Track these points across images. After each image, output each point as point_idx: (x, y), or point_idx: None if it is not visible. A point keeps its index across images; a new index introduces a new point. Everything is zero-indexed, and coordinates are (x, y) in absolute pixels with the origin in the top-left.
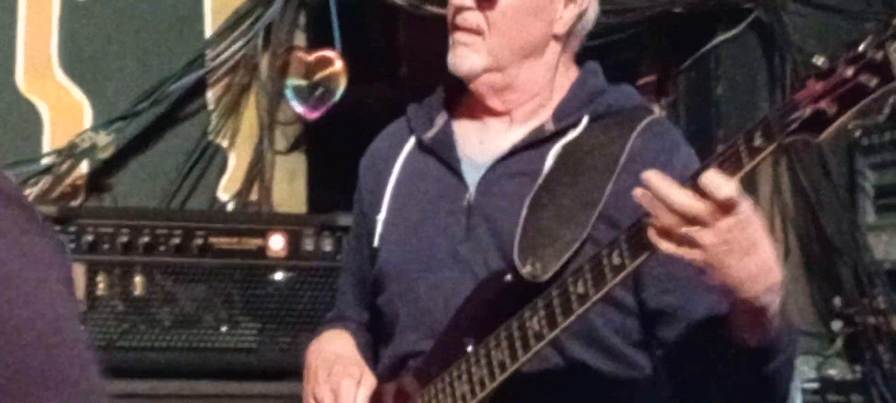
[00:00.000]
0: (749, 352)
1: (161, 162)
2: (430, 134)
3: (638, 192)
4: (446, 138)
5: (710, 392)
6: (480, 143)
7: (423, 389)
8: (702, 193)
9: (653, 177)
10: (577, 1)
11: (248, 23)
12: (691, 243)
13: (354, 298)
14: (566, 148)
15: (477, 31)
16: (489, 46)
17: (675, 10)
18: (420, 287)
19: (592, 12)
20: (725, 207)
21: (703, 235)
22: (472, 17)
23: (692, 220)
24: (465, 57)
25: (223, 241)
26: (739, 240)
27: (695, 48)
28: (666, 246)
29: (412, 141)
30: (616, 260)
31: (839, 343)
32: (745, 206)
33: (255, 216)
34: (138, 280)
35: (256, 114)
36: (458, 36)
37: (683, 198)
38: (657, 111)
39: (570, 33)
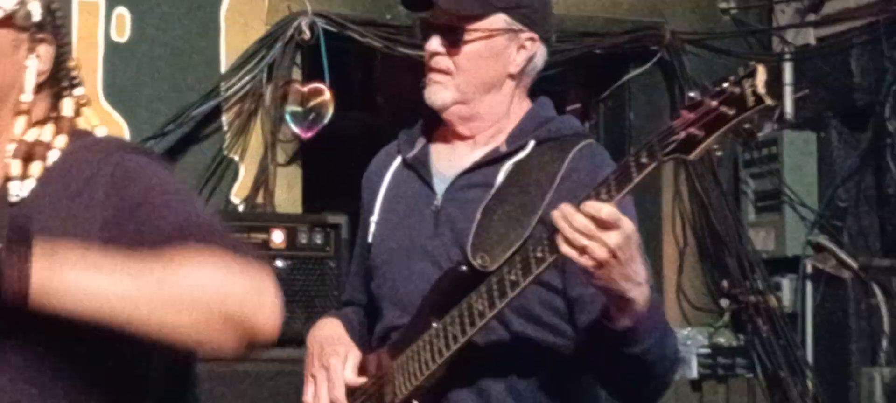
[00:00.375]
0: (618, 334)
1: (185, 172)
2: (411, 154)
3: (552, 213)
4: (423, 157)
5: (597, 372)
6: (449, 161)
7: (397, 358)
8: (589, 212)
9: (564, 210)
10: (527, 47)
11: (255, 61)
12: (585, 252)
13: (359, 283)
14: (515, 165)
15: (447, 72)
16: (457, 84)
17: (596, 51)
18: (399, 275)
19: (541, 57)
20: (606, 224)
21: (594, 248)
22: (443, 61)
23: (587, 235)
24: (437, 92)
25: (239, 231)
26: (622, 249)
27: (611, 82)
28: (566, 251)
29: (399, 159)
30: (539, 255)
31: (727, 317)
32: (626, 223)
33: (260, 216)
34: None
35: (262, 135)
36: (432, 76)
37: (580, 219)
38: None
39: (522, 73)
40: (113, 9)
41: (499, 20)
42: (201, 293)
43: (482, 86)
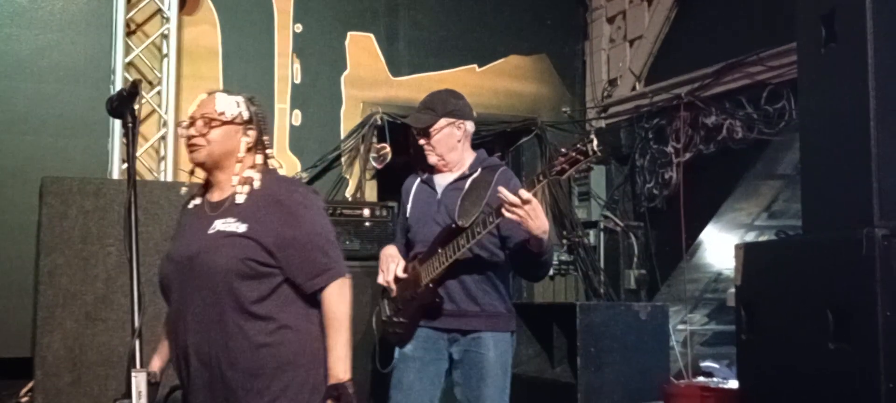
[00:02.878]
0: (533, 253)
1: (329, 182)
2: (424, 177)
3: (500, 194)
4: (430, 178)
5: (516, 268)
6: (442, 179)
7: (422, 265)
8: (520, 197)
9: (503, 191)
10: (462, 127)
11: (357, 131)
12: (516, 213)
13: (400, 235)
14: (473, 180)
15: (429, 150)
16: (436, 152)
17: (507, 129)
18: (422, 229)
19: (471, 127)
20: (527, 200)
21: (519, 210)
22: (426, 146)
23: (517, 205)
24: (429, 156)
25: (348, 211)
26: (533, 213)
27: (514, 143)
28: (507, 214)
29: (419, 179)
30: (490, 220)
31: (565, 246)
32: (535, 201)
33: (360, 202)
34: None
35: (360, 166)
36: (425, 150)
37: (513, 197)
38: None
39: (464, 137)
40: (293, 110)
41: (444, 121)
42: (346, 318)
43: (448, 148)
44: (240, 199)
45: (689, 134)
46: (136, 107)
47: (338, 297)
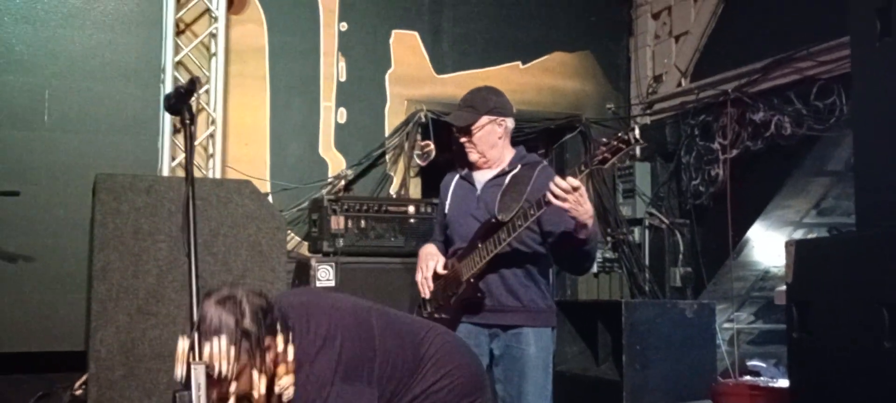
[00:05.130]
0: (579, 240)
1: (372, 180)
2: (463, 174)
3: (551, 186)
4: (469, 175)
5: (560, 262)
6: (481, 176)
7: (461, 262)
8: (570, 184)
9: (556, 178)
10: (502, 124)
11: (400, 131)
12: (566, 200)
13: (439, 233)
14: (513, 176)
15: (471, 144)
16: (477, 149)
17: (550, 126)
18: (461, 225)
19: (511, 123)
20: (576, 188)
21: (569, 197)
22: (468, 144)
23: (567, 192)
24: (470, 154)
25: (393, 208)
26: (581, 200)
27: (558, 140)
28: (555, 202)
29: (458, 176)
30: (531, 212)
31: (609, 243)
32: (583, 189)
33: (404, 198)
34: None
35: (404, 163)
36: (466, 147)
37: (564, 184)
38: (545, 162)
39: (504, 134)
40: (338, 108)
41: (485, 119)
42: None
43: (488, 145)
44: None
45: (736, 130)
46: (192, 103)
47: None
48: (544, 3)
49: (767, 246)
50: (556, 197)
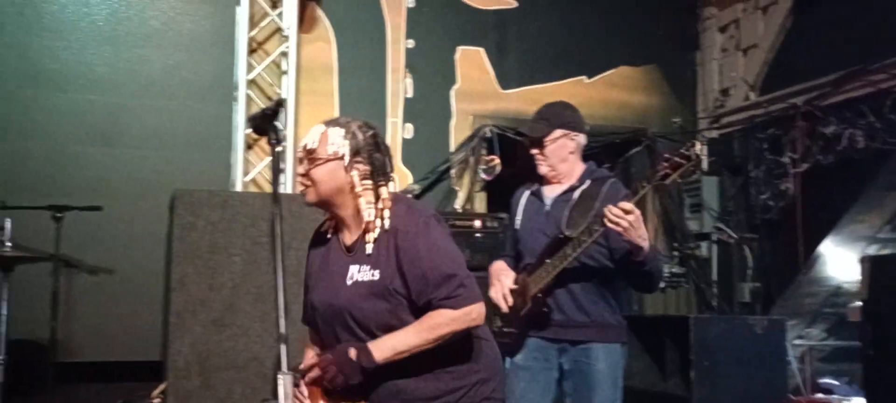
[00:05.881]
0: (637, 262)
1: (439, 194)
2: (533, 189)
3: (604, 209)
4: (539, 191)
5: (626, 279)
6: (550, 191)
7: (530, 276)
8: (622, 208)
9: (610, 206)
10: (575, 139)
11: (465, 145)
12: (619, 224)
13: (510, 247)
14: (582, 192)
15: (542, 160)
16: (548, 162)
17: (616, 140)
18: (530, 241)
19: (583, 139)
20: (628, 212)
21: (622, 220)
22: (539, 156)
23: (620, 216)
24: (540, 167)
25: (459, 222)
26: (635, 224)
27: (624, 154)
28: (610, 225)
29: (528, 191)
30: (596, 228)
31: (676, 257)
32: (637, 212)
33: (470, 213)
34: None
35: (469, 178)
36: (536, 160)
37: (616, 209)
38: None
39: (576, 149)
40: (405, 124)
41: (558, 132)
42: (440, 334)
43: (559, 159)
44: (362, 253)
45: (806, 144)
46: (279, 124)
47: (452, 316)
48: (609, 17)
49: (840, 261)
50: (610, 221)
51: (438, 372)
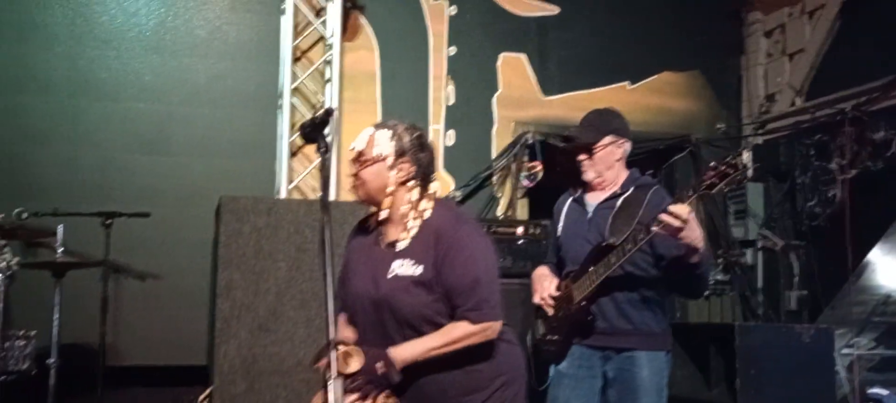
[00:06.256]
0: (691, 264)
1: (480, 201)
2: (576, 196)
3: (660, 214)
4: (581, 197)
5: (673, 285)
6: (593, 198)
7: (574, 283)
8: (678, 213)
9: (669, 207)
10: (622, 146)
11: (507, 152)
12: (671, 227)
13: (552, 253)
14: (625, 199)
15: (590, 163)
16: (595, 168)
17: (660, 147)
18: (573, 248)
19: (629, 147)
20: (683, 213)
21: (679, 222)
22: (586, 162)
23: (679, 218)
24: (587, 173)
25: (501, 229)
26: (692, 226)
27: (667, 160)
28: (664, 228)
29: (571, 198)
30: (640, 236)
31: (721, 265)
32: (692, 214)
33: (511, 220)
34: None
35: (510, 185)
36: (583, 166)
37: (671, 216)
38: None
39: (623, 157)
40: (447, 131)
41: (607, 139)
42: (456, 345)
43: (606, 166)
44: (402, 247)
45: (854, 150)
46: (327, 133)
47: (470, 330)
48: (652, 22)
49: (889, 269)
50: (665, 226)
51: (461, 371)
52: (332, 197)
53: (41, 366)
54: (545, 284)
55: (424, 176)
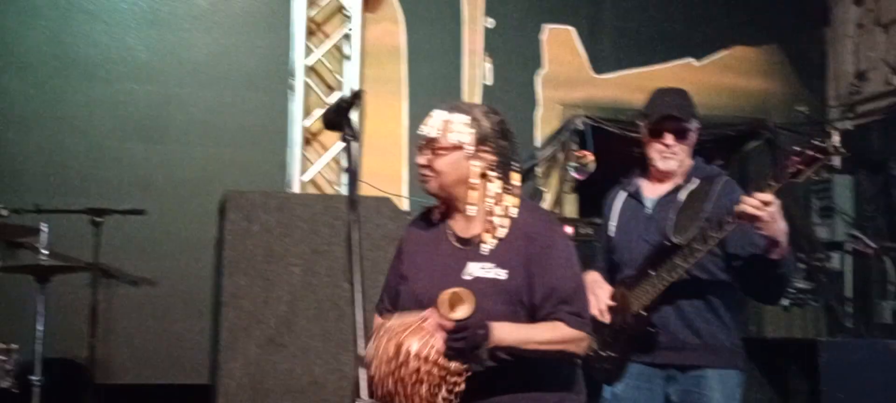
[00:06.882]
0: (772, 262)
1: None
2: (631, 189)
3: (744, 199)
4: (637, 191)
5: (749, 288)
6: (652, 191)
7: (631, 290)
8: (761, 199)
9: (745, 198)
10: (697, 131)
11: (553, 139)
12: (756, 216)
13: (601, 258)
14: (690, 192)
15: (675, 153)
16: (678, 158)
17: (731, 133)
18: (628, 250)
19: (696, 137)
20: (768, 203)
21: (762, 212)
22: (675, 146)
23: (761, 207)
24: (668, 161)
25: None
26: (776, 216)
27: (739, 148)
28: (746, 217)
29: (624, 192)
30: (711, 234)
31: (803, 270)
32: (777, 203)
33: (560, 220)
34: None
35: (557, 177)
36: (665, 152)
37: (755, 201)
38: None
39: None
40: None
41: (695, 123)
42: (559, 345)
43: (686, 155)
44: (485, 248)
45: None
46: (354, 118)
47: (572, 335)
48: None
49: None
50: (745, 216)
51: (525, 397)
52: (345, 190)
53: (24, 384)
54: (597, 292)
55: (508, 165)
